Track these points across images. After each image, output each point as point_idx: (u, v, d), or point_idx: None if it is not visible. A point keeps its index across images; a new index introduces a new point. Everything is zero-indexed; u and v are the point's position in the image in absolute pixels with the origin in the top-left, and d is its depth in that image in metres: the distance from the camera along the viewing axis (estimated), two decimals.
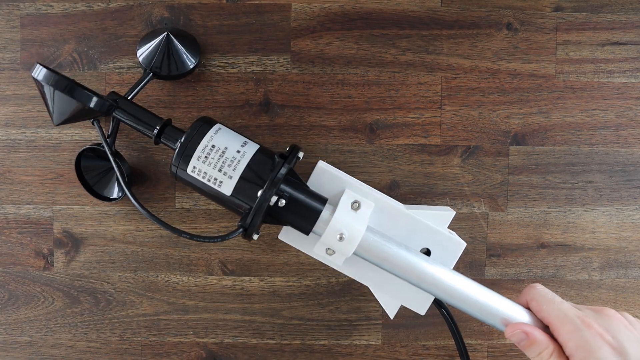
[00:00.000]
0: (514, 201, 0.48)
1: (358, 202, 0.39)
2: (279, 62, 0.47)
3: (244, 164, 0.38)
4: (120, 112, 0.41)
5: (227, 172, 0.38)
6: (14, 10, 0.46)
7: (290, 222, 0.39)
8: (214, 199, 0.39)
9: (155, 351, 0.48)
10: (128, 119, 0.41)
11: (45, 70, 0.38)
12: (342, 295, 0.48)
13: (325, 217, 0.38)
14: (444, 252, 0.41)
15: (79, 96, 0.38)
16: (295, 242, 0.42)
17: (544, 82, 0.47)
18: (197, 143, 0.38)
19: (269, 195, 0.36)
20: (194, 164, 0.38)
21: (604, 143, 0.48)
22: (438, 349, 0.48)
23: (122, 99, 0.41)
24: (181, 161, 0.38)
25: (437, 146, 0.47)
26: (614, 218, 0.48)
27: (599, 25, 0.47)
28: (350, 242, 0.37)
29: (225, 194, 0.38)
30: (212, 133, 0.39)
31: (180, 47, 0.44)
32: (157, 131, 0.40)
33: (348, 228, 0.37)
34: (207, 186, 0.38)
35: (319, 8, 0.47)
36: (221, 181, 0.38)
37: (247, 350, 0.48)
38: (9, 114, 0.47)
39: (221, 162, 0.38)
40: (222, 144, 0.38)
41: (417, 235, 0.41)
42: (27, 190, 0.47)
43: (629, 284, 0.48)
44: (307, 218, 0.38)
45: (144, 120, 0.41)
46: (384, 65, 0.47)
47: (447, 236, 0.41)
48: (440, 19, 0.47)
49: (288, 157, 0.38)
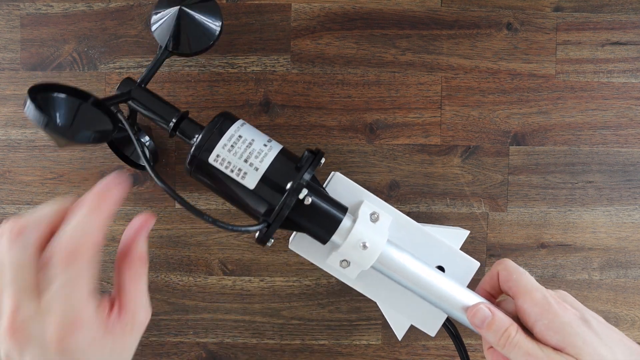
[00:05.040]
0: (514, 201, 0.48)
1: (377, 214, 0.38)
2: (279, 62, 0.47)
3: (271, 157, 0.36)
4: (135, 103, 0.39)
5: (253, 163, 0.36)
6: (14, 10, 0.46)
7: (308, 228, 0.37)
8: (232, 195, 0.37)
9: (155, 351, 0.48)
10: (142, 109, 0.39)
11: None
12: (342, 295, 0.48)
13: (346, 226, 0.37)
14: (457, 270, 0.40)
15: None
16: (306, 252, 0.40)
17: (544, 82, 0.47)
18: (223, 133, 0.36)
19: (299, 186, 0.35)
20: (219, 152, 0.36)
21: (604, 143, 0.48)
22: (438, 349, 0.48)
23: (136, 89, 0.39)
24: (203, 150, 0.36)
25: (437, 146, 0.47)
26: (614, 218, 0.48)
27: (599, 25, 0.47)
28: (371, 252, 0.36)
29: (249, 187, 0.36)
30: (239, 125, 0.37)
31: (198, 16, 0.40)
32: (173, 124, 0.38)
33: (369, 238, 0.36)
34: (229, 178, 0.36)
35: (319, 8, 0.47)
36: (246, 172, 0.36)
37: (247, 350, 0.48)
38: (9, 114, 0.47)
39: (248, 152, 0.36)
40: (249, 136, 0.37)
41: (431, 252, 0.40)
42: (27, 190, 0.47)
43: (629, 284, 0.48)
44: (327, 225, 0.37)
45: (159, 113, 0.39)
46: (384, 65, 0.47)
47: (461, 254, 0.40)
48: (440, 19, 0.47)
49: (315, 158, 0.37)
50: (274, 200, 0.36)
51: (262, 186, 0.36)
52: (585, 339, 0.33)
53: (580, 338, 0.33)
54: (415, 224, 0.40)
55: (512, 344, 0.34)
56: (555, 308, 0.34)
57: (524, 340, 0.34)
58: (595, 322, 0.35)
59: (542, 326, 0.34)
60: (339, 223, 0.37)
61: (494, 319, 0.36)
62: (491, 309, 0.36)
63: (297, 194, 0.35)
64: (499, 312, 0.36)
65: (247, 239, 0.47)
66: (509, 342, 0.35)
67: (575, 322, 0.34)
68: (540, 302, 0.35)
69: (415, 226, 0.40)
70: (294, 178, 0.36)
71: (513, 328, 0.35)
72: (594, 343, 0.33)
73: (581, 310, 0.36)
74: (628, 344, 0.35)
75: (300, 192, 0.35)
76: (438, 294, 0.38)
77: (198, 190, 0.47)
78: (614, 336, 0.35)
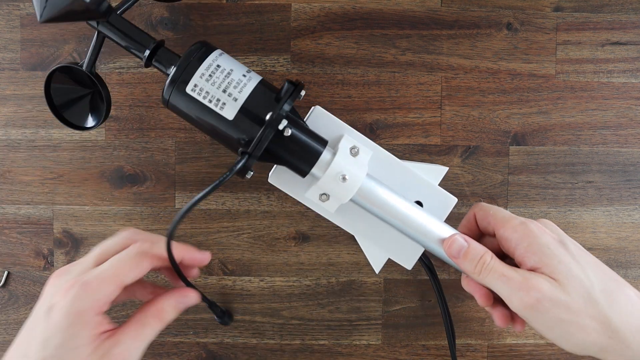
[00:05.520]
0: (514, 201, 0.48)
1: (357, 148, 0.38)
2: (279, 62, 0.47)
3: (250, 87, 0.36)
4: (106, 27, 0.37)
5: (232, 93, 0.35)
6: (14, 10, 0.46)
7: (287, 161, 0.37)
8: (211, 127, 0.36)
9: (155, 351, 0.48)
10: (116, 35, 0.37)
11: None
12: (342, 295, 0.48)
13: (325, 158, 0.37)
14: (435, 205, 0.41)
15: None
16: (286, 186, 0.41)
17: (544, 82, 0.47)
18: (199, 63, 0.35)
19: (279, 117, 0.35)
20: (196, 81, 0.35)
21: (604, 143, 0.48)
22: (438, 349, 0.48)
23: (114, 14, 0.37)
24: (178, 82, 0.35)
25: (437, 146, 0.47)
26: (614, 218, 0.48)
27: (599, 25, 0.47)
28: (351, 185, 0.37)
29: (227, 118, 0.36)
30: (217, 54, 0.37)
31: None
32: (148, 52, 0.37)
33: (349, 171, 0.37)
34: (207, 109, 0.36)
35: (319, 8, 0.47)
36: (224, 103, 0.35)
37: (247, 350, 0.48)
38: (9, 114, 0.47)
39: (226, 82, 0.36)
40: (227, 66, 0.36)
41: (410, 187, 0.41)
42: (27, 190, 0.47)
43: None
44: (306, 158, 0.37)
45: (135, 39, 0.37)
46: (384, 65, 0.47)
47: (440, 190, 0.41)
48: (440, 19, 0.47)
49: (295, 89, 0.36)
50: (253, 131, 0.35)
51: (241, 117, 0.36)
52: (561, 259, 0.35)
53: (557, 258, 0.35)
54: (395, 159, 0.41)
55: (487, 269, 0.36)
56: (535, 232, 0.36)
57: (499, 265, 0.36)
58: (573, 246, 0.36)
59: (521, 249, 0.35)
60: (318, 155, 0.37)
61: (469, 247, 0.37)
62: (466, 239, 0.37)
63: (277, 125, 0.35)
64: (473, 241, 0.37)
65: (247, 239, 0.47)
66: (484, 268, 0.36)
67: (552, 243, 0.35)
68: (520, 227, 0.36)
69: (395, 161, 0.41)
70: (273, 109, 0.35)
71: (488, 255, 0.36)
72: (569, 263, 0.35)
73: (560, 235, 0.37)
74: (602, 267, 0.36)
75: (280, 123, 0.35)
76: (415, 227, 0.39)
77: (198, 191, 0.47)
78: (588, 259, 0.36)
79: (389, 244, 0.42)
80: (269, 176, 0.41)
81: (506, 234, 0.36)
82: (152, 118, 0.47)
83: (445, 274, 0.47)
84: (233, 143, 0.36)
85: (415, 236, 0.39)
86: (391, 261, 0.43)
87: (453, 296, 0.47)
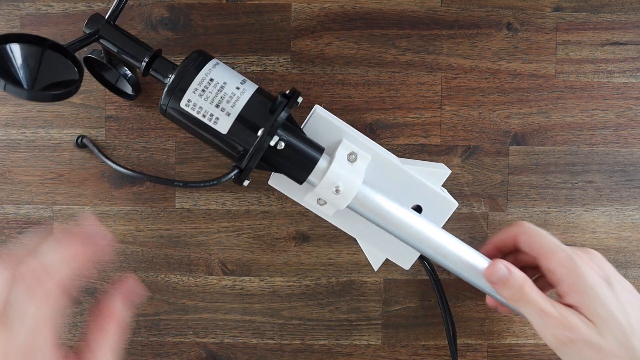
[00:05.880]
0: (514, 201, 0.48)
1: (355, 154, 0.38)
2: (279, 62, 0.47)
3: (243, 101, 0.36)
4: (104, 41, 0.38)
5: (225, 108, 0.36)
6: (13, 10, 0.46)
7: (284, 169, 0.38)
8: (205, 139, 0.37)
9: (155, 351, 0.48)
10: (113, 48, 0.38)
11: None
12: (342, 295, 0.48)
13: (322, 167, 0.37)
14: (435, 210, 0.41)
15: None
16: (285, 189, 0.41)
17: (544, 82, 0.47)
18: (194, 75, 0.35)
19: (270, 133, 0.35)
20: (189, 96, 0.36)
21: (604, 143, 0.48)
22: (438, 349, 0.48)
23: (104, 26, 0.38)
24: (174, 94, 0.36)
25: (437, 146, 0.47)
26: (614, 218, 0.48)
27: (599, 25, 0.47)
28: (345, 195, 0.37)
29: (221, 132, 0.36)
30: (210, 66, 0.37)
31: None
32: (145, 63, 0.37)
33: (344, 181, 0.37)
34: (201, 123, 0.36)
35: (319, 8, 0.47)
36: (217, 117, 0.36)
37: (247, 350, 0.48)
38: (9, 114, 0.47)
39: (219, 97, 0.36)
40: (220, 79, 0.36)
41: (410, 191, 0.41)
42: (27, 190, 0.47)
43: None
44: (302, 167, 0.37)
45: (131, 51, 0.38)
46: (384, 65, 0.47)
47: (440, 194, 0.41)
48: (440, 19, 0.47)
49: (290, 100, 0.36)
50: (247, 143, 0.36)
51: (235, 131, 0.36)
52: (604, 302, 0.34)
53: (599, 301, 0.34)
54: (395, 162, 0.41)
55: (525, 299, 0.35)
56: (582, 269, 0.35)
57: (537, 297, 0.35)
58: (619, 286, 0.35)
59: (565, 286, 0.35)
60: (314, 164, 0.37)
61: (510, 276, 0.36)
62: (508, 267, 0.37)
63: (268, 142, 0.35)
64: (514, 269, 0.37)
65: (247, 239, 0.47)
66: (522, 298, 0.35)
67: (598, 284, 0.34)
68: (566, 262, 0.35)
69: (395, 165, 0.41)
70: (266, 122, 0.35)
71: (527, 285, 0.36)
72: (611, 307, 0.34)
73: (607, 273, 0.36)
74: None
75: (271, 140, 0.35)
76: (412, 234, 0.39)
77: (198, 191, 0.47)
78: (633, 302, 0.35)
79: (387, 246, 0.42)
80: (269, 180, 0.41)
81: (551, 266, 0.36)
82: (152, 118, 0.47)
83: (445, 274, 0.47)
84: (229, 154, 0.37)
85: (411, 242, 0.39)
86: (391, 260, 0.43)
87: (453, 296, 0.47)
